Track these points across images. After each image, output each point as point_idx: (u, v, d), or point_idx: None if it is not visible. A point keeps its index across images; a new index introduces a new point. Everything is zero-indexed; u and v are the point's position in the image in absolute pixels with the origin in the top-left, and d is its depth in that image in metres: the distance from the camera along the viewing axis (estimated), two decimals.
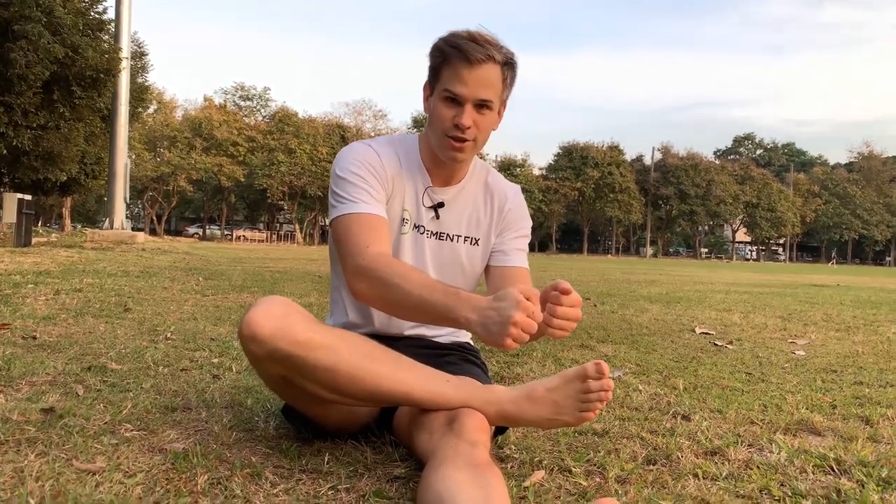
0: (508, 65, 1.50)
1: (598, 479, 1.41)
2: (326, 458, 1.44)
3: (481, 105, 1.49)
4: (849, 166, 74.57)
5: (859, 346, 3.75)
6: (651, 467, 1.50)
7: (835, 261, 64.43)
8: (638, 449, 1.63)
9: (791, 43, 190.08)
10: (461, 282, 1.69)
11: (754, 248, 69.63)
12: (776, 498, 1.35)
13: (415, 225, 1.63)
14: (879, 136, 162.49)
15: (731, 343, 3.70)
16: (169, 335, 3.05)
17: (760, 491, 1.38)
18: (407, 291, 1.38)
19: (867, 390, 2.50)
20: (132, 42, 17.28)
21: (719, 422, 1.95)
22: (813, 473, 1.50)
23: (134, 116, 21.29)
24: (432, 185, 1.63)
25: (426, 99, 1.58)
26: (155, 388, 2.04)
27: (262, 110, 52.18)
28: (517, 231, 1.71)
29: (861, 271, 31.46)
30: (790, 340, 3.92)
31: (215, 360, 2.54)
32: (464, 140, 1.51)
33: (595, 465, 1.50)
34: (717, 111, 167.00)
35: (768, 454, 1.64)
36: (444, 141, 1.52)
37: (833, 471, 1.53)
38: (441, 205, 1.64)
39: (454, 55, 1.46)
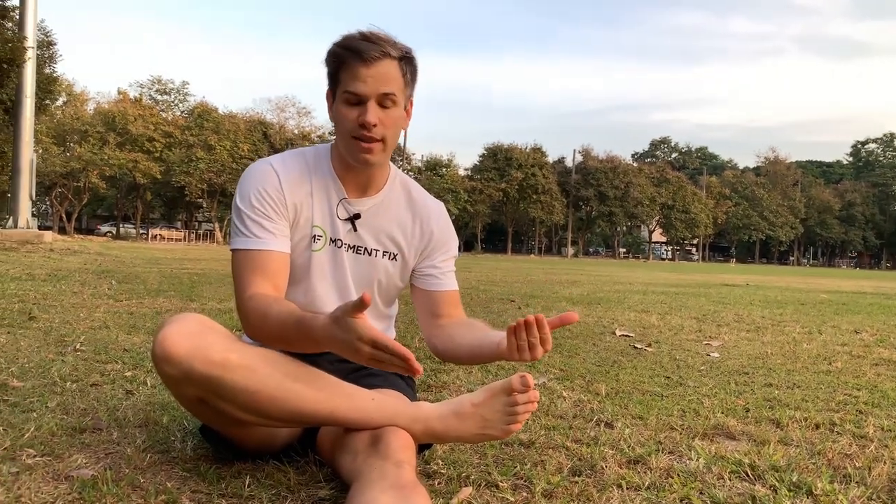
0: (406, 60, 1.47)
1: (524, 494, 1.41)
2: (247, 481, 1.39)
3: (384, 101, 1.45)
4: (756, 170, 78.53)
5: (768, 347, 3.92)
6: (576, 479, 1.52)
7: (734, 260, 67.78)
8: (563, 460, 1.64)
9: (703, 51, 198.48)
10: (379, 298, 1.66)
11: (669, 248, 72.26)
12: None
13: (331, 239, 1.58)
14: (784, 142, 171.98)
15: (649, 346, 3.81)
16: (78, 346, 2.89)
17: (681, 500, 1.42)
18: (270, 330, 1.36)
19: (776, 392, 2.61)
20: (39, 31, 16.36)
21: (641, 429, 1.99)
22: (729, 480, 1.55)
23: (41, 109, 20.15)
24: (347, 196, 1.59)
25: (330, 108, 1.53)
26: (62, 407, 1.93)
27: (181, 105, 50.46)
28: (446, 253, 1.69)
29: (768, 271, 33.12)
30: (705, 342, 4.07)
31: (128, 374, 2.42)
32: (371, 139, 1.46)
33: (522, 478, 1.50)
34: (635, 115, 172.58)
35: (688, 461, 1.68)
36: (351, 143, 1.47)
37: (748, 477, 1.58)
38: (357, 216, 1.59)
39: (349, 56, 1.43)
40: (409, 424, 1.36)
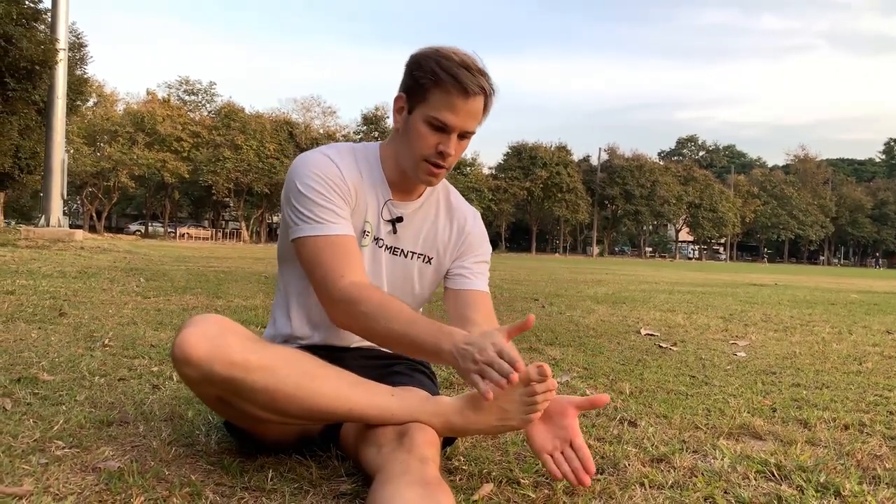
0: (490, 96, 1.48)
1: (546, 491, 1.40)
2: (270, 475, 1.40)
3: (464, 135, 1.48)
4: (786, 168, 77.39)
5: (796, 347, 3.86)
6: (598, 477, 1.50)
7: (765, 259, 66.74)
8: None
9: (730, 48, 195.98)
10: (410, 300, 1.67)
11: (696, 247, 71.45)
12: None
13: (375, 237, 1.60)
14: (814, 139, 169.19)
15: (675, 345, 3.77)
16: (106, 342, 2.94)
17: (705, 499, 1.40)
18: (388, 326, 1.38)
19: (804, 392, 2.57)
20: (70, 33, 16.70)
21: (665, 427, 1.97)
22: (755, 480, 1.53)
23: (72, 110, 20.57)
24: (392, 198, 1.60)
25: (399, 111, 1.52)
26: (90, 401, 1.96)
27: (208, 105, 51.01)
28: (477, 256, 1.70)
29: (797, 270, 32.61)
30: (731, 342, 4.02)
31: (155, 369, 2.45)
32: (442, 167, 1.49)
33: (544, 475, 1.49)
34: (661, 113, 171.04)
35: (712, 461, 1.66)
36: (421, 165, 1.49)
37: (774, 477, 1.56)
38: (400, 219, 1.61)
39: (450, 83, 1.41)
40: (430, 419, 1.36)
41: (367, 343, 1.67)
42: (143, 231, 48.83)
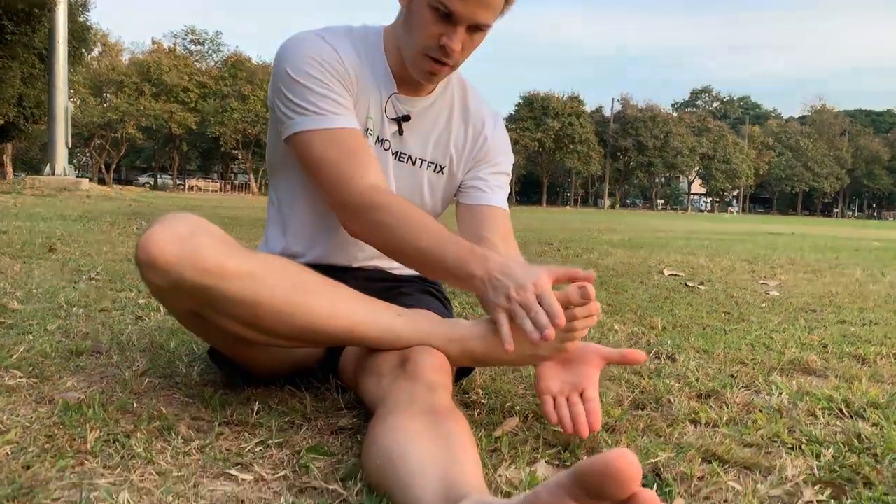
0: None
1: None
2: (256, 408, 1.19)
3: (475, 28, 1.21)
4: (802, 120, 75.85)
5: (832, 287, 3.62)
6: (640, 412, 1.29)
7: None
8: (623, 392, 1.42)
9: None
10: None
11: (708, 199, 70.58)
12: (790, 446, 1.15)
13: (378, 138, 1.35)
14: (831, 90, 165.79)
15: (702, 284, 3.54)
16: (93, 275, 2.73)
17: (770, 438, 1.18)
18: (413, 241, 1.16)
19: (853, 329, 2.34)
20: None
21: (707, 362, 1.75)
22: (823, 417, 1.31)
23: (76, 58, 20.09)
24: (398, 92, 1.35)
25: None
26: (62, 330, 1.75)
27: (214, 55, 50.21)
28: (496, 166, 1.45)
29: (812, 221, 32.11)
30: (761, 282, 3.78)
31: (142, 301, 2.25)
32: (445, 64, 1.23)
33: None
34: (675, 64, 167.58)
35: (767, 396, 1.44)
36: (420, 58, 1.24)
37: (844, 413, 1.34)
38: (406, 118, 1.35)
39: None
40: (445, 345, 1.13)
41: (370, 263, 1.45)
42: (152, 183, 48.66)
